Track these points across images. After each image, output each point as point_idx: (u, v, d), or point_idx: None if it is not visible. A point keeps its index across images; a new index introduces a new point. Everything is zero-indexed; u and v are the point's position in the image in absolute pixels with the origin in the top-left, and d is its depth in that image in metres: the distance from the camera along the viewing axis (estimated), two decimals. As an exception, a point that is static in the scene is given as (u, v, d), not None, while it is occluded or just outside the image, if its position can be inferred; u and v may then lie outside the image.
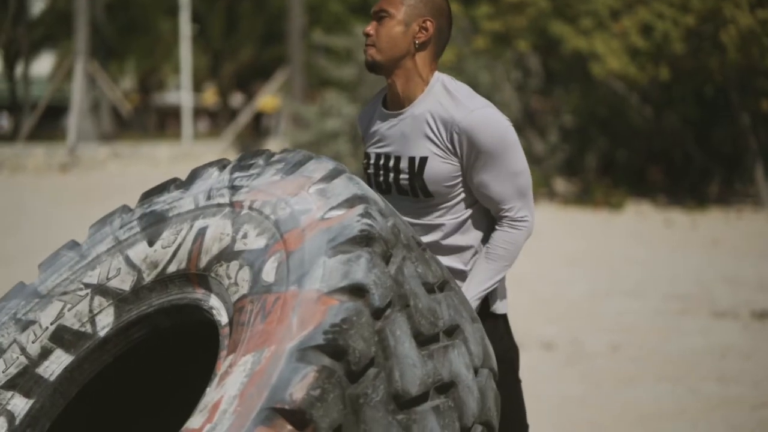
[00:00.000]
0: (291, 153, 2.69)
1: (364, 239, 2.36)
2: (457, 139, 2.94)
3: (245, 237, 2.53)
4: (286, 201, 2.53)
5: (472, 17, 19.48)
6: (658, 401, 6.25)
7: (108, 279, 2.76)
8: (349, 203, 2.46)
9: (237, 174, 2.70)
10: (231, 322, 2.42)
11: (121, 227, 2.83)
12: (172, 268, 2.66)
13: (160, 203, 2.80)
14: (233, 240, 2.54)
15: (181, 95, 32.83)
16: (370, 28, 3.00)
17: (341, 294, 2.27)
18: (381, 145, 3.09)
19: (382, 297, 2.31)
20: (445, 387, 2.46)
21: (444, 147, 2.96)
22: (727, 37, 15.79)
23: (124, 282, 2.73)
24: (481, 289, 3.03)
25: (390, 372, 2.30)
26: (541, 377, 6.77)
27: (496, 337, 3.09)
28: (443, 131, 2.96)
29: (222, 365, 2.31)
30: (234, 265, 2.49)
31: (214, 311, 2.52)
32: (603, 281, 10.37)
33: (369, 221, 2.40)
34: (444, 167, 2.97)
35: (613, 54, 16.91)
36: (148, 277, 2.70)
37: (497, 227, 3.05)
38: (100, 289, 2.76)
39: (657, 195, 17.99)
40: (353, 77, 20.98)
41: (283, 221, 2.49)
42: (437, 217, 3.04)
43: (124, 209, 2.89)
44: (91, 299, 2.77)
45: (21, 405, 2.71)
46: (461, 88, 3.02)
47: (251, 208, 2.57)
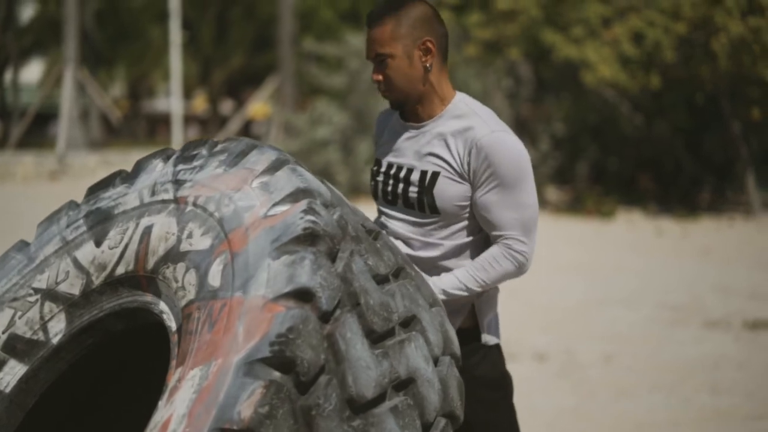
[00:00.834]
0: (233, 142, 2.61)
1: (308, 238, 2.29)
2: (474, 156, 2.87)
3: (190, 237, 2.45)
4: (229, 197, 2.45)
5: (463, 25, 19.47)
6: (651, 412, 6.21)
7: (57, 283, 2.68)
8: (293, 198, 2.38)
9: (180, 167, 2.62)
10: (180, 329, 2.35)
11: (68, 226, 2.75)
12: (120, 270, 2.58)
13: (105, 199, 2.72)
14: (179, 240, 2.47)
15: (171, 102, 32.79)
16: (375, 74, 2.92)
17: (287, 300, 2.19)
18: (395, 155, 3.02)
19: (329, 299, 2.24)
20: (403, 384, 2.39)
21: (458, 165, 2.89)
22: (718, 45, 15.80)
23: (73, 286, 2.65)
24: (446, 291, 2.94)
25: (342, 377, 2.23)
26: (535, 389, 6.73)
27: (488, 367, 3.03)
28: (461, 148, 2.89)
29: (172, 378, 2.25)
30: (180, 268, 2.43)
31: (164, 316, 2.45)
32: (595, 291, 10.34)
33: (312, 218, 2.32)
34: (454, 187, 2.91)
35: (605, 62, 16.91)
36: (97, 280, 2.62)
37: (494, 245, 2.97)
38: (49, 294, 2.68)
39: (648, 203, 17.98)
40: (344, 85, 20.94)
41: (227, 219, 2.41)
42: (438, 237, 2.97)
43: (71, 206, 2.80)
44: (42, 305, 2.68)
45: None
46: (485, 109, 2.96)
47: (195, 204, 2.50)
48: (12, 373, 2.66)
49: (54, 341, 2.66)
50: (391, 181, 3.01)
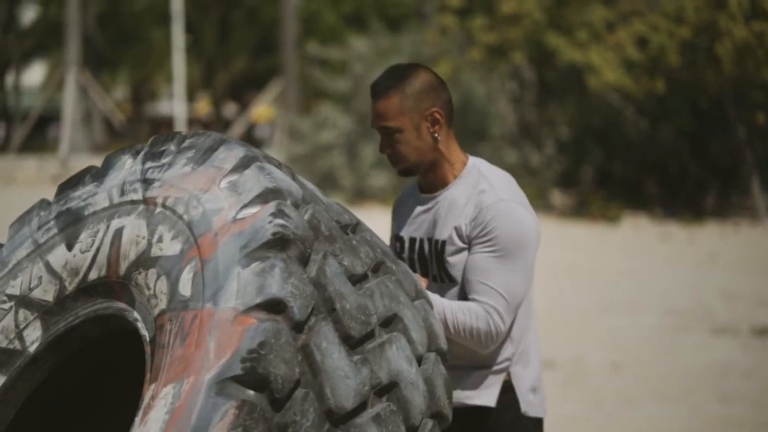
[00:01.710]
0: (201, 137, 2.52)
1: (278, 243, 2.22)
2: (480, 219, 2.78)
3: (161, 241, 2.38)
4: (197, 198, 2.38)
5: (467, 29, 19.44)
6: (659, 421, 6.18)
7: (30, 289, 2.60)
8: (262, 199, 2.30)
9: (149, 164, 2.54)
10: (153, 340, 2.30)
11: (39, 228, 2.67)
12: (93, 275, 2.51)
13: (75, 199, 2.64)
14: (149, 244, 2.40)
15: (174, 105, 32.77)
16: (383, 146, 2.86)
17: (257, 312, 2.13)
18: (414, 229, 2.95)
19: (302, 308, 2.17)
20: (386, 389, 2.31)
21: (465, 230, 2.81)
22: (723, 50, 15.76)
23: (46, 292, 2.58)
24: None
25: (320, 389, 2.17)
26: (542, 396, 6.69)
27: None
28: (470, 212, 2.81)
29: (146, 393, 2.20)
30: (152, 274, 2.36)
31: (138, 324, 2.38)
32: (602, 296, 10.30)
33: (282, 221, 2.24)
34: (463, 254, 2.82)
35: (609, 66, 16.87)
36: (70, 286, 2.54)
37: (475, 303, 2.81)
38: (23, 301, 2.60)
39: (653, 207, 17.94)
40: (348, 89, 20.91)
41: (196, 223, 2.34)
42: None
43: (41, 205, 2.72)
44: (16, 313, 2.60)
45: None
46: (499, 174, 2.88)
47: (164, 205, 2.42)
48: None
49: (31, 350, 2.58)
50: (417, 257, 2.93)
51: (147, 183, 2.51)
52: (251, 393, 2.07)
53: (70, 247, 2.58)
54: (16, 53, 38.83)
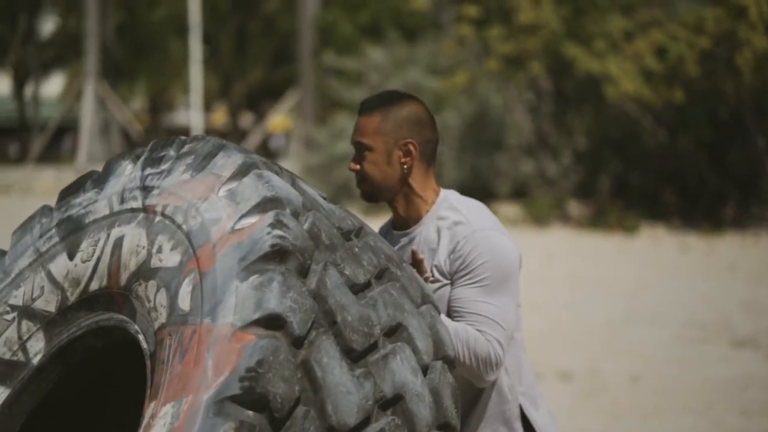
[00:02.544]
0: (200, 142, 2.47)
1: (276, 255, 2.17)
2: (459, 251, 2.72)
3: (160, 251, 2.34)
4: (196, 207, 2.33)
5: (484, 39, 19.39)
6: (680, 435, 6.09)
7: (33, 300, 2.55)
8: (260, 208, 2.25)
9: (148, 170, 2.49)
10: (153, 355, 2.26)
11: (41, 236, 2.62)
12: (94, 285, 2.47)
13: (76, 207, 2.59)
14: (149, 254, 2.36)
15: (191, 116, 32.82)
16: (352, 163, 2.82)
17: (256, 328, 2.09)
18: None
19: (301, 323, 2.12)
20: (390, 402, 2.25)
21: (443, 265, 2.74)
22: (742, 60, 15.67)
23: (49, 303, 2.53)
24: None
25: (321, 407, 2.12)
26: (559, 409, 6.60)
27: None
28: (446, 245, 2.75)
29: (147, 411, 2.16)
30: (152, 286, 2.32)
31: (140, 337, 2.34)
32: (620, 308, 10.20)
33: (280, 232, 2.20)
34: (443, 290, 2.75)
35: (627, 76, 16.80)
36: (72, 296, 2.50)
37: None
38: (26, 312, 2.55)
39: (671, 218, 17.83)
40: (364, 99, 20.89)
41: (195, 233, 2.30)
42: None
43: (43, 212, 2.67)
44: (19, 324, 2.56)
45: None
46: (470, 204, 2.84)
47: (164, 214, 2.38)
48: None
49: (34, 362, 2.54)
50: None
51: (146, 190, 2.46)
52: (250, 413, 2.03)
53: (71, 257, 2.53)
54: (35, 64, 39.00)
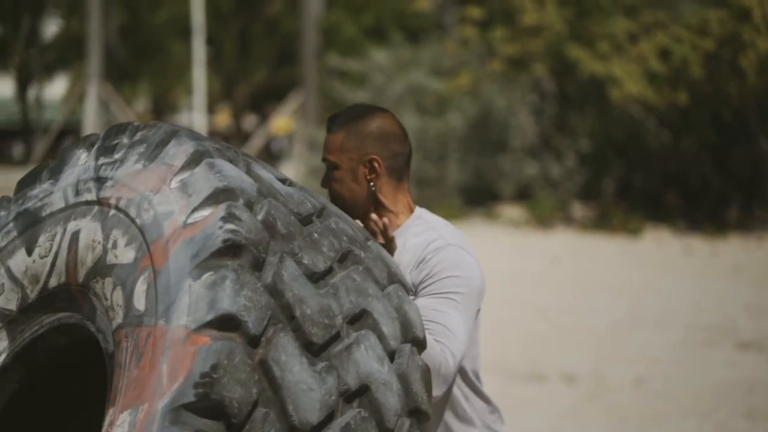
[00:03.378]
0: (152, 129, 2.38)
1: (229, 251, 2.09)
2: (426, 264, 2.68)
3: (115, 247, 2.25)
4: (149, 200, 2.24)
5: (487, 41, 19.37)
6: (685, 438, 6.06)
7: None
8: (212, 201, 2.16)
9: (102, 160, 2.40)
10: (112, 357, 2.19)
11: (0, 230, 2.54)
12: (53, 281, 2.39)
13: (33, 199, 2.50)
14: (105, 250, 2.27)
15: (194, 118, 32.81)
16: (323, 180, 2.78)
17: (210, 329, 2.02)
18: None
19: (257, 322, 2.05)
20: (356, 394, 2.17)
21: (413, 276, 2.70)
22: (746, 62, 15.64)
23: (9, 301, 2.46)
24: None
25: (281, 406, 2.05)
26: (563, 412, 6.58)
27: None
28: (413, 261, 2.70)
29: (106, 417, 2.10)
30: (108, 284, 2.24)
31: (100, 336, 2.27)
32: (624, 311, 10.17)
33: (233, 226, 2.11)
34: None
35: (631, 78, 16.77)
36: (32, 294, 2.42)
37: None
38: None
39: (675, 220, 17.79)
40: (368, 101, 20.87)
41: (148, 228, 2.21)
42: None
43: (2, 205, 2.58)
44: None
45: None
46: (445, 223, 2.79)
47: (118, 207, 2.29)
48: None
49: None
50: None
51: (100, 182, 2.37)
52: (206, 421, 1.97)
53: (29, 252, 2.46)
54: (38, 66, 39.00)
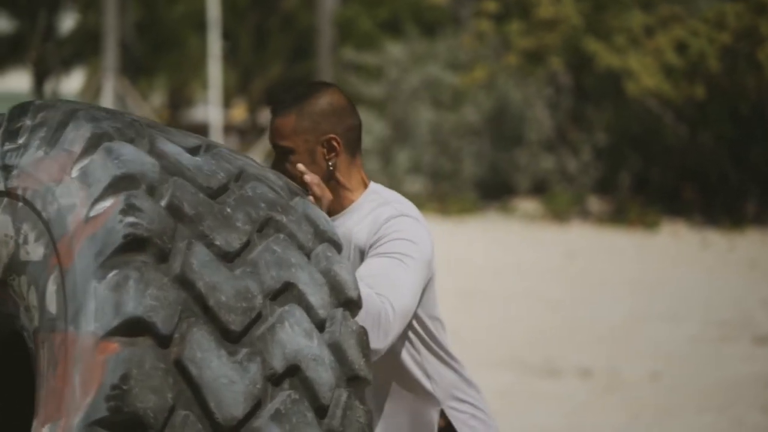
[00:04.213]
0: (52, 110, 2.23)
1: (131, 246, 1.97)
2: (378, 230, 2.62)
3: (26, 242, 2.14)
4: (52, 192, 2.11)
5: (503, 34, 19.32)
6: (700, 433, 6.03)
7: None
8: (112, 191, 2.03)
9: (7, 146, 2.25)
10: (34, 362, 2.09)
11: None
12: None
13: None
14: (17, 245, 2.15)
15: (209, 112, 32.86)
16: (275, 165, 2.65)
17: (117, 336, 1.92)
18: None
19: (166, 321, 1.94)
20: (284, 376, 2.07)
21: (365, 247, 2.64)
22: (764, 55, 15.57)
23: None
24: None
25: (203, 405, 1.96)
26: (579, 407, 6.56)
27: None
28: (369, 228, 2.64)
29: (33, 426, 2.02)
30: (24, 282, 2.14)
31: (25, 334, 2.16)
32: (640, 305, 10.13)
33: (133, 218, 1.98)
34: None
35: (647, 72, 16.70)
36: None
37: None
38: None
39: (692, 214, 17.73)
40: (383, 94, 20.85)
41: (54, 223, 2.09)
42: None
43: None
44: None
45: None
46: (401, 197, 2.72)
47: (25, 199, 2.16)
48: None
49: None
50: None
51: (6, 171, 2.23)
52: None
53: None
54: (55, 61, 39.13)
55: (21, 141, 2.24)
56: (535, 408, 6.27)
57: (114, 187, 2.04)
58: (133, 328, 1.93)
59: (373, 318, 2.46)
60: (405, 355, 2.70)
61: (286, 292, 2.13)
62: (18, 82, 43.04)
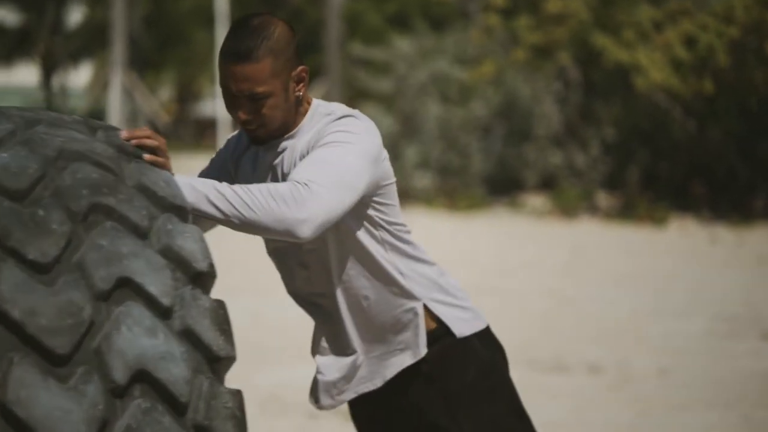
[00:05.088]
0: None
1: None
2: (318, 136, 2.56)
3: None
4: None
5: (511, 29, 19.29)
6: (709, 429, 6.02)
7: None
8: None
9: None
10: None
11: None
12: None
13: None
14: None
15: (217, 106, 32.86)
16: (243, 114, 2.53)
17: None
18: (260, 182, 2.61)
19: None
20: (130, 385, 1.88)
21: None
22: (773, 50, 15.53)
23: None
24: (193, 197, 2.30)
25: None
26: (587, 403, 6.55)
27: (468, 366, 2.70)
28: (312, 138, 2.58)
29: None
30: None
31: None
32: (649, 301, 10.11)
33: None
34: None
35: (656, 66, 16.67)
36: None
37: None
38: None
39: (701, 210, 17.69)
40: (391, 90, 20.82)
41: None
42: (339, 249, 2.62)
43: None
44: None
45: None
46: (339, 106, 2.66)
47: None
48: None
49: None
50: None
51: None
52: None
53: None
54: (62, 55, 39.15)
55: None
56: (544, 403, 6.26)
57: None
58: None
59: (282, 196, 2.34)
60: (375, 254, 2.64)
61: (120, 289, 1.92)
62: (26, 75, 43.10)
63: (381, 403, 2.76)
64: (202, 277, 2.04)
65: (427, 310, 2.70)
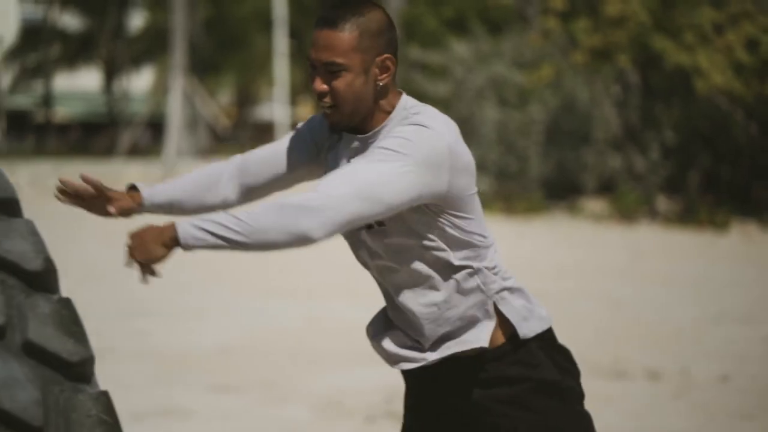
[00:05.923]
0: None
1: None
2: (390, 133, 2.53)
3: None
4: None
5: (570, 32, 19.17)
6: (772, 437, 5.93)
7: None
8: None
9: None
10: None
11: None
12: None
13: None
14: None
15: (275, 110, 33.02)
16: (319, 84, 2.50)
17: None
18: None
19: None
20: None
21: None
22: (838, 52, 15.28)
23: None
24: (202, 228, 2.33)
25: None
26: (647, 410, 6.47)
27: (532, 368, 2.65)
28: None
29: None
30: None
31: None
32: (710, 306, 9.99)
33: None
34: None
35: (717, 69, 16.48)
36: None
37: None
38: None
39: (763, 214, 17.44)
40: (448, 93, 20.79)
41: None
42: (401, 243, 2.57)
43: None
44: None
45: None
46: (425, 108, 2.59)
47: None
48: None
49: None
50: None
51: None
52: None
53: None
54: (124, 59, 39.58)
55: None
56: (603, 409, 6.20)
57: None
58: None
59: (301, 206, 2.34)
60: (445, 263, 2.59)
61: None
62: (88, 80, 43.66)
63: (437, 396, 2.73)
64: (39, 278, 1.83)
65: (496, 308, 2.67)
